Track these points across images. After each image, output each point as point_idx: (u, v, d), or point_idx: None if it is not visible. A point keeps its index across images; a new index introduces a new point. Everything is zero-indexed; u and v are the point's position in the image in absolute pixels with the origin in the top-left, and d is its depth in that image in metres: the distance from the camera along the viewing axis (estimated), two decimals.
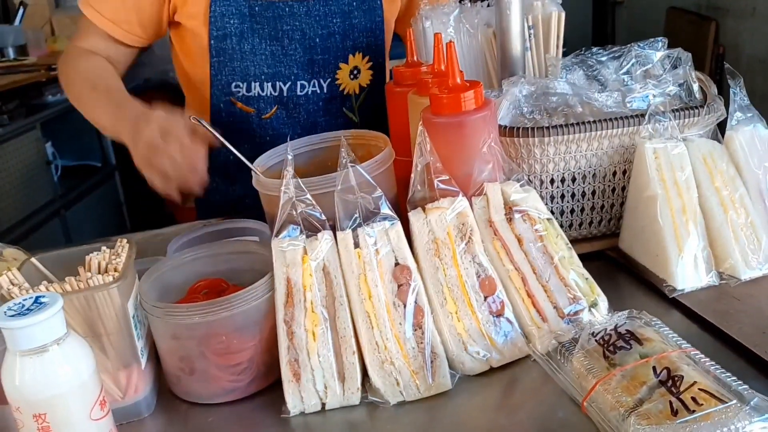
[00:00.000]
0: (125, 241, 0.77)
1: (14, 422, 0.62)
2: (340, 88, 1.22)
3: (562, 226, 0.97)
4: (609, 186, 0.96)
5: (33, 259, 0.76)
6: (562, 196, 0.96)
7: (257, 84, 1.16)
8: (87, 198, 3.09)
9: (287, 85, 1.17)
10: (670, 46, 1.04)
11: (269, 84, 1.16)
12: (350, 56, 1.20)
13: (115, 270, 0.72)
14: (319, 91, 1.20)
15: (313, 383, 0.74)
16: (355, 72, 1.22)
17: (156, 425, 0.76)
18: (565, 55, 1.11)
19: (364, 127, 1.24)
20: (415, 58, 1.05)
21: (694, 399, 0.59)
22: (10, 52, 3.08)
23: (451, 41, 0.83)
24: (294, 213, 0.78)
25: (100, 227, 3.06)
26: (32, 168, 2.78)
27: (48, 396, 0.60)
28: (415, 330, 0.75)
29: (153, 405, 0.78)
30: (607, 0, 4.18)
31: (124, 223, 3.20)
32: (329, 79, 1.20)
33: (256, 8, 1.14)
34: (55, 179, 2.94)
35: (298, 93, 1.19)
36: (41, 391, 0.60)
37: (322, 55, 1.18)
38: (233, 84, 1.16)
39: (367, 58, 1.23)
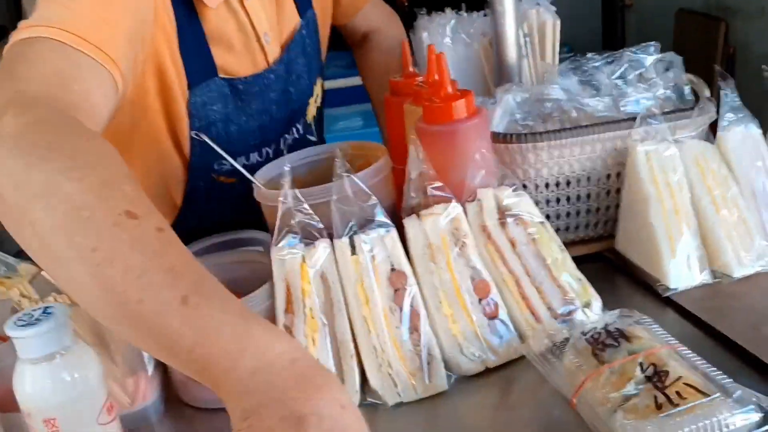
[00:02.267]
0: None
1: (26, 427, 0.65)
2: (308, 121, 1.15)
3: (558, 229, 0.99)
4: (604, 189, 0.98)
5: (43, 273, 0.79)
6: (558, 200, 0.98)
7: (243, 157, 1.04)
8: None
9: (272, 147, 1.08)
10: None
11: (255, 154, 1.06)
12: (314, 86, 1.15)
13: None
14: (297, 136, 1.12)
15: None
16: (316, 98, 1.17)
17: (164, 431, 0.79)
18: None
19: (320, 141, 1.20)
20: (411, 69, 1.08)
21: (678, 393, 0.61)
22: None
23: (441, 52, 0.86)
24: (292, 222, 0.81)
25: None
26: None
27: (57, 401, 0.63)
28: (412, 333, 0.78)
29: (161, 411, 0.80)
30: (616, 4, 4.18)
31: None
32: (302, 118, 1.13)
33: (240, 86, 1.00)
34: None
35: (281, 148, 1.09)
36: (50, 396, 0.63)
37: (297, 101, 1.11)
38: (215, 163, 1.01)
39: (321, 78, 1.18)
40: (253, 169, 1.01)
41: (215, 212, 1.06)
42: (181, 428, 0.79)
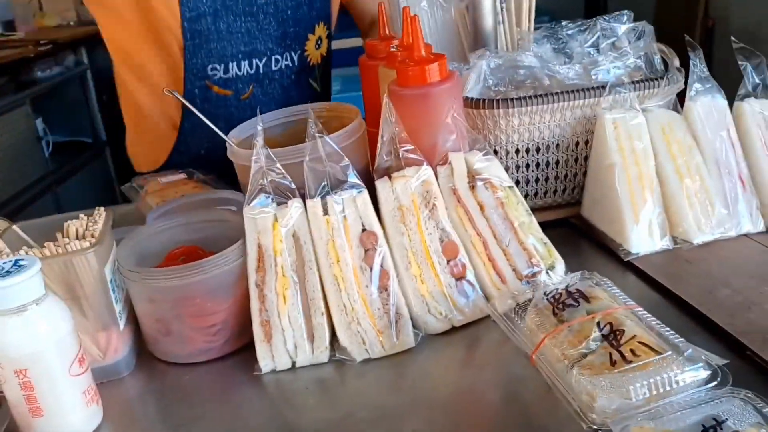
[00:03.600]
0: (102, 209, 0.80)
1: None
2: (308, 59, 1.24)
3: (527, 195, 1.02)
4: (572, 156, 1.00)
5: (14, 227, 0.79)
6: (527, 166, 1.00)
7: (234, 63, 1.15)
8: (78, 174, 3.13)
9: (263, 61, 1.17)
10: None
11: (246, 62, 1.16)
12: (316, 26, 1.23)
13: (92, 236, 0.76)
14: (291, 65, 1.21)
15: (283, 343, 0.78)
16: (319, 42, 1.25)
17: (135, 384, 0.80)
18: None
19: (324, 94, 1.29)
20: (387, 32, 1.08)
21: (632, 351, 0.63)
22: None
23: (415, 15, 0.86)
24: (265, 182, 0.82)
25: (91, 202, 3.07)
26: (23, 144, 2.80)
27: (28, 352, 0.64)
28: (381, 292, 0.79)
29: (132, 365, 0.82)
30: None
31: (116, 198, 3.24)
32: (299, 51, 1.21)
33: None
34: (46, 155, 2.97)
35: (273, 68, 1.19)
36: (22, 347, 0.64)
37: (293, 27, 1.19)
38: (209, 67, 1.14)
39: (326, 27, 1.25)
40: (244, 80, 1.15)
41: (213, 132, 1.10)
42: (152, 382, 0.81)
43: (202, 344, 0.80)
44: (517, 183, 1.00)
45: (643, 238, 0.89)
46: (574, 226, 1.01)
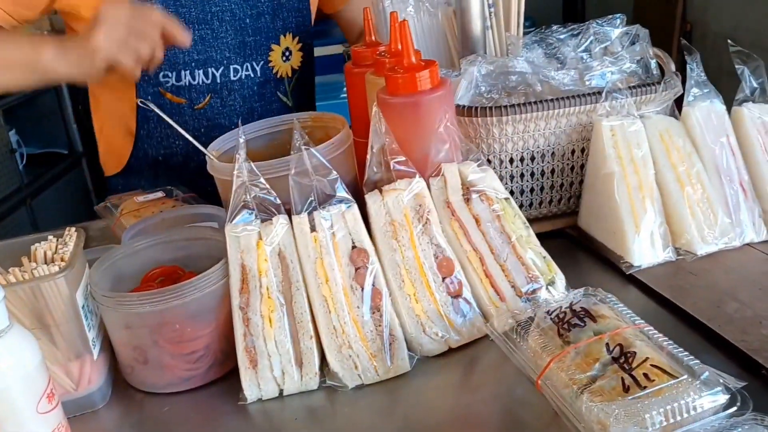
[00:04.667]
0: (73, 229, 0.75)
1: None
2: (274, 71, 1.19)
3: (522, 205, 0.98)
4: (568, 164, 0.96)
5: None
6: (522, 176, 0.96)
7: (187, 72, 1.11)
8: (54, 186, 3.04)
9: (220, 71, 1.13)
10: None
11: (200, 71, 1.11)
12: (281, 37, 1.17)
13: (62, 259, 0.71)
14: (252, 75, 1.16)
15: (270, 369, 0.73)
16: (287, 54, 1.20)
17: (111, 416, 0.75)
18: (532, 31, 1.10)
19: (298, 110, 1.23)
20: (373, 38, 1.04)
21: (645, 375, 0.59)
22: None
23: (404, 20, 0.82)
24: (248, 197, 0.77)
25: (67, 215, 3.00)
26: None
27: None
28: (373, 313, 0.75)
29: (108, 396, 0.76)
30: None
31: (93, 211, 3.16)
32: (262, 62, 1.16)
33: None
34: (20, 167, 2.88)
35: (232, 78, 1.14)
36: None
37: (253, 37, 1.14)
38: (161, 74, 1.10)
39: (297, 39, 1.20)
40: (199, 89, 1.12)
41: (168, 139, 1.13)
42: (128, 414, 0.75)
43: (182, 372, 0.75)
44: (512, 193, 0.96)
45: (644, 249, 0.85)
46: (571, 237, 0.97)
